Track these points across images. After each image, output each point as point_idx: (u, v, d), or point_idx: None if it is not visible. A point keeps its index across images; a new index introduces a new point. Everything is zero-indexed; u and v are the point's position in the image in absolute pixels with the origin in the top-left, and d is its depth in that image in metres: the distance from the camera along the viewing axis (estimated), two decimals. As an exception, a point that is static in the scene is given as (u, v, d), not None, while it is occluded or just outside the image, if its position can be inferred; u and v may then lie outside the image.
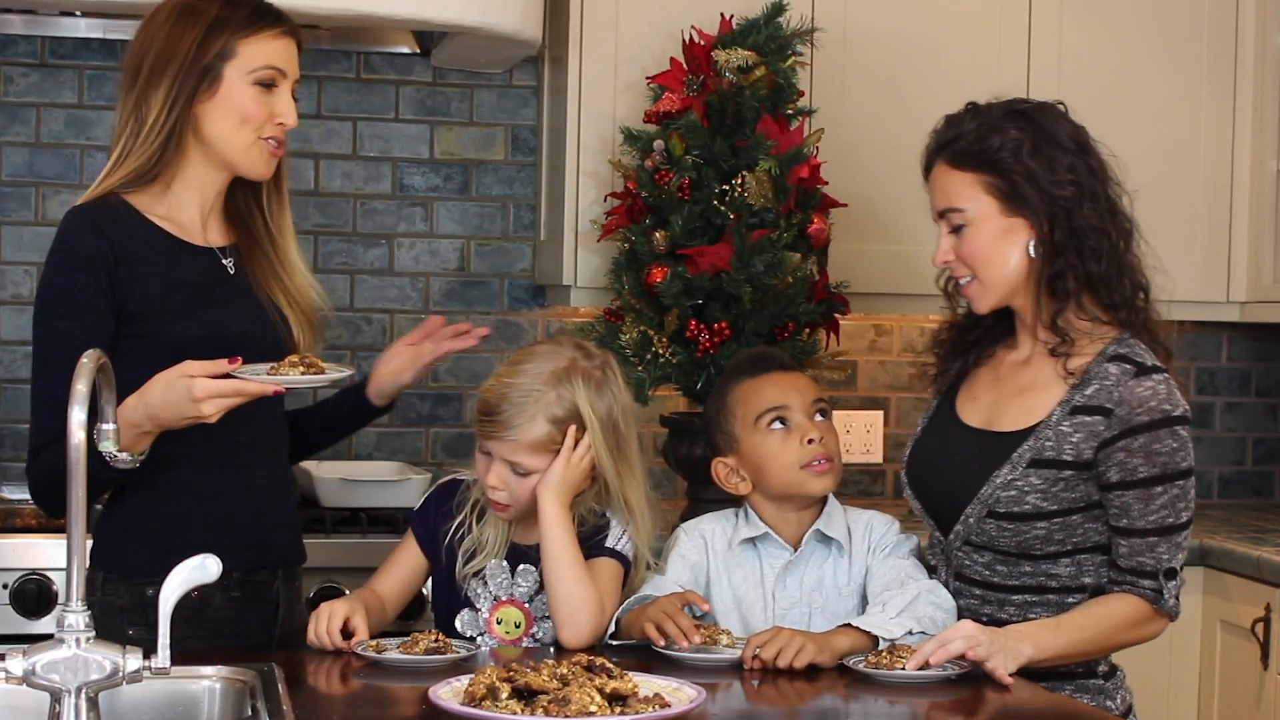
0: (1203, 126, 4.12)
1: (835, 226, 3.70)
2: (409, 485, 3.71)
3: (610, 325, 3.62)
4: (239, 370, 2.44)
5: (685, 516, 3.65)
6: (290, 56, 2.67)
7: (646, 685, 2.11)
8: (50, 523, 2.85)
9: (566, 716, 1.98)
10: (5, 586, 3.32)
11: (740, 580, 2.66)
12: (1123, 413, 2.50)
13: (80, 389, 1.93)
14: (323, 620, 2.50)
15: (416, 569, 2.69)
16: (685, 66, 3.65)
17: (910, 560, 2.65)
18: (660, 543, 2.76)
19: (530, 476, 2.56)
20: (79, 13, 3.85)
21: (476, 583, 2.62)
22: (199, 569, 1.96)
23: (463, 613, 2.62)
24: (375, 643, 2.45)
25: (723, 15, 3.67)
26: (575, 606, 2.52)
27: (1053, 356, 2.58)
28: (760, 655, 2.40)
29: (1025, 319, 2.64)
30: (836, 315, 3.68)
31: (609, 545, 2.61)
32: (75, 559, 1.92)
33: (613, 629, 2.54)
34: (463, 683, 2.11)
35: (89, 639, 1.93)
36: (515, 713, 2.01)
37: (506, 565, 2.63)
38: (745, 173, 3.53)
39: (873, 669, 2.38)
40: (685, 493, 3.83)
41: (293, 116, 2.66)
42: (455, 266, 4.19)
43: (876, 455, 4.36)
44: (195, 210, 2.67)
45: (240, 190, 2.72)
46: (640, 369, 3.54)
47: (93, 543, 2.62)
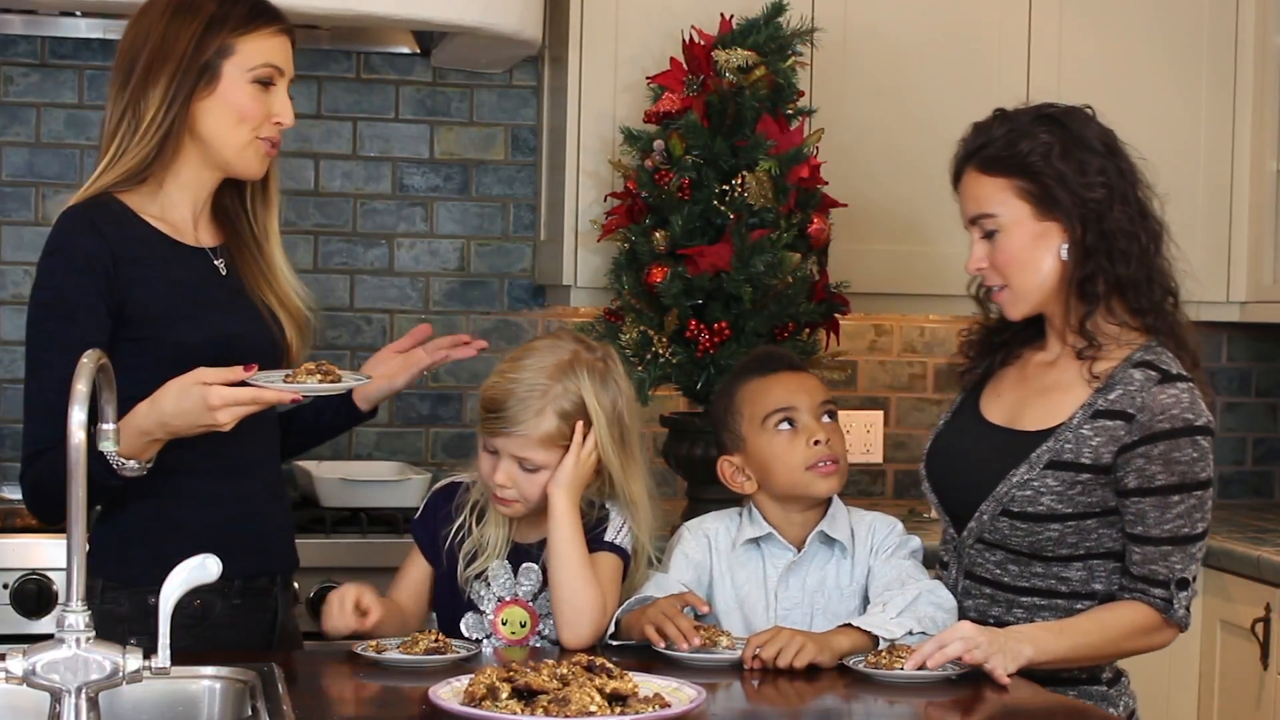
0: (1203, 126, 4.12)
1: (835, 226, 3.70)
2: (409, 485, 3.71)
3: (610, 325, 3.62)
4: (253, 378, 2.41)
5: (685, 516, 3.65)
6: (287, 55, 2.64)
7: (646, 685, 2.11)
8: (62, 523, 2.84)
9: (566, 716, 1.98)
10: (5, 586, 3.32)
11: (743, 580, 2.66)
12: (1144, 419, 2.49)
13: (80, 389, 1.92)
14: (334, 605, 2.50)
15: (425, 576, 2.68)
16: (685, 66, 3.65)
17: (912, 561, 2.65)
18: (662, 542, 2.75)
19: (538, 473, 2.55)
20: (79, 13, 3.85)
21: (479, 585, 2.62)
22: (199, 569, 1.96)
23: (467, 616, 2.62)
24: (375, 643, 2.45)
25: (723, 15, 3.67)
26: (579, 608, 2.52)
27: (1079, 360, 2.57)
28: (760, 655, 2.40)
29: (1055, 323, 2.63)
30: (836, 315, 3.68)
31: (608, 539, 2.60)
32: (75, 559, 1.92)
33: (613, 629, 2.54)
34: (463, 683, 2.11)
35: (89, 639, 1.92)
36: (515, 713, 2.00)
37: (509, 565, 2.62)
38: (745, 173, 3.53)
39: (872, 669, 2.38)
40: (685, 493, 3.83)
41: (290, 116, 2.63)
42: (455, 266, 4.19)
43: (876, 455, 4.36)
44: (187, 210, 2.63)
45: (228, 190, 2.69)
46: (640, 369, 3.54)
47: (90, 550, 2.59)
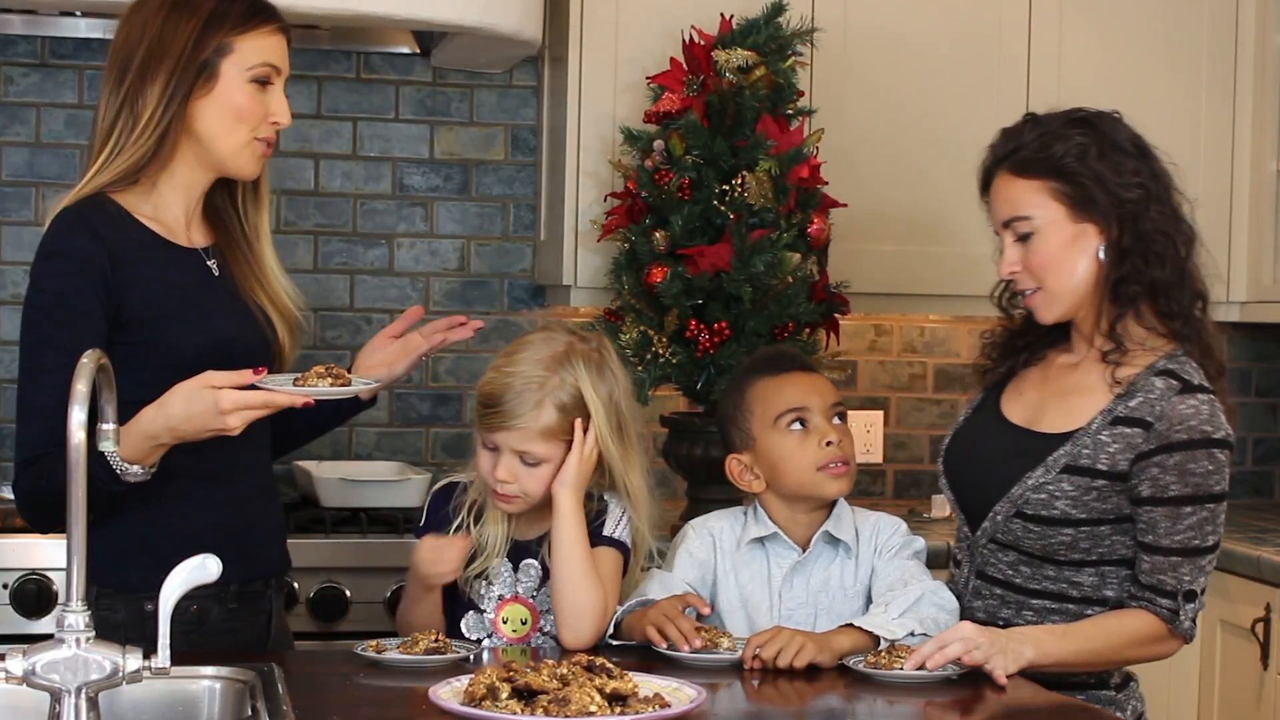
0: (1203, 126, 4.12)
1: (835, 226, 3.70)
2: (409, 485, 3.71)
3: (610, 325, 3.62)
4: (262, 381, 2.39)
5: (686, 516, 3.66)
6: (285, 54, 2.63)
7: (646, 685, 2.11)
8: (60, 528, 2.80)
9: (566, 716, 1.98)
10: (5, 586, 3.32)
11: (747, 579, 2.66)
12: (1162, 428, 2.48)
13: (80, 389, 1.92)
14: (448, 551, 2.54)
15: None
16: (685, 66, 3.65)
17: (915, 561, 2.64)
18: (663, 540, 2.75)
19: (539, 467, 2.55)
20: (79, 13, 3.85)
21: (479, 583, 2.61)
22: (199, 569, 1.95)
23: (468, 615, 2.61)
24: (375, 643, 2.44)
25: (723, 15, 3.67)
26: (580, 610, 2.52)
27: (1104, 362, 2.56)
28: (760, 655, 2.40)
29: (1083, 326, 2.62)
30: (836, 315, 3.68)
31: (607, 533, 2.59)
32: (75, 559, 1.92)
33: (613, 629, 2.54)
34: (463, 683, 2.11)
35: (89, 639, 1.92)
36: (515, 713, 2.01)
37: (509, 562, 2.62)
38: (745, 173, 3.53)
39: (872, 669, 2.38)
40: (685, 493, 3.83)
41: (287, 115, 2.61)
42: (455, 266, 4.19)
43: (876, 455, 4.36)
44: (180, 210, 2.60)
45: (219, 190, 2.67)
46: (640, 369, 3.54)
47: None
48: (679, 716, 2.05)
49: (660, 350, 3.53)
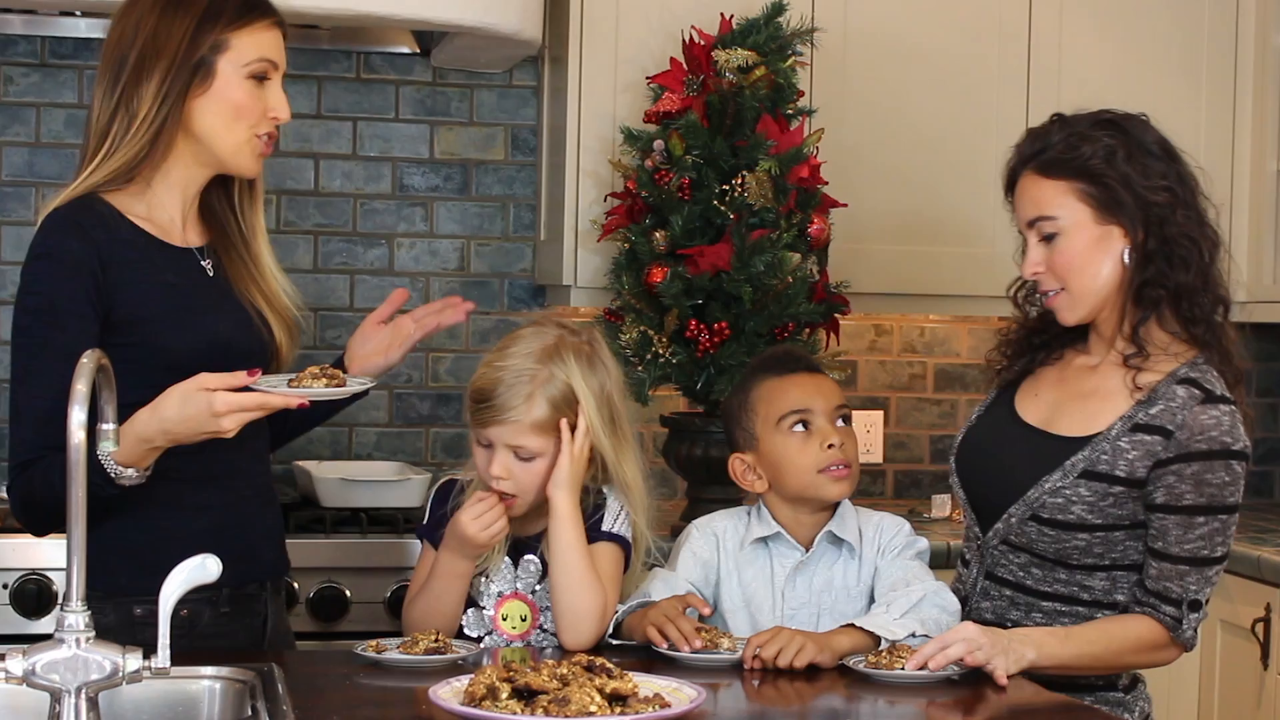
0: (1203, 126, 4.12)
1: (835, 226, 3.70)
2: (409, 485, 3.70)
3: (610, 325, 3.62)
4: (256, 382, 2.36)
5: (685, 516, 3.66)
6: (281, 48, 2.60)
7: (646, 685, 2.11)
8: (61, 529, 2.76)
9: (566, 716, 1.98)
10: (5, 586, 3.32)
11: (750, 579, 2.66)
12: (1182, 437, 2.48)
13: (80, 389, 1.91)
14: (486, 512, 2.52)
15: None
16: (685, 66, 3.65)
17: (918, 562, 2.64)
18: (662, 539, 2.75)
19: (534, 462, 2.54)
20: (79, 13, 3.85)
21: (479, 580, 2.61)
22: (199, 569, 1.95)
23: (468, 613, 2.61)
24: (375, 643, 2.44)
25: (723, 15, 3.67)
26: (579, 612, 2.52)
27: (1125, 367, 2.55)
28: (760, 655, 2.40)
29: (1103, 329, 2.61)
30: (836, 315, 3.68)
31: (605, 528, 2.58)
32: (75, 559, 1.92)
33: (613, 629, 2.54)
34: (463, 683, 2.11)
35: (89, 639, 1.92)
36: (515, 713, 2.00)
37: (508, 558, 2.62)
38: (745, 173, 3.53)
39: (873, 669, 2.38)
40: (685, 493, 3.83)
41: (285, 110, 2.59)
42: (455, 266, 4.19)
43: (876, 455, 4.36)
44: (176, 209, 2.58)
45: (215, 189, 2.64)
46: (640, 369, 3.54)
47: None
48: (679, 716, 2.05)
49: (660, 350, 3.53)
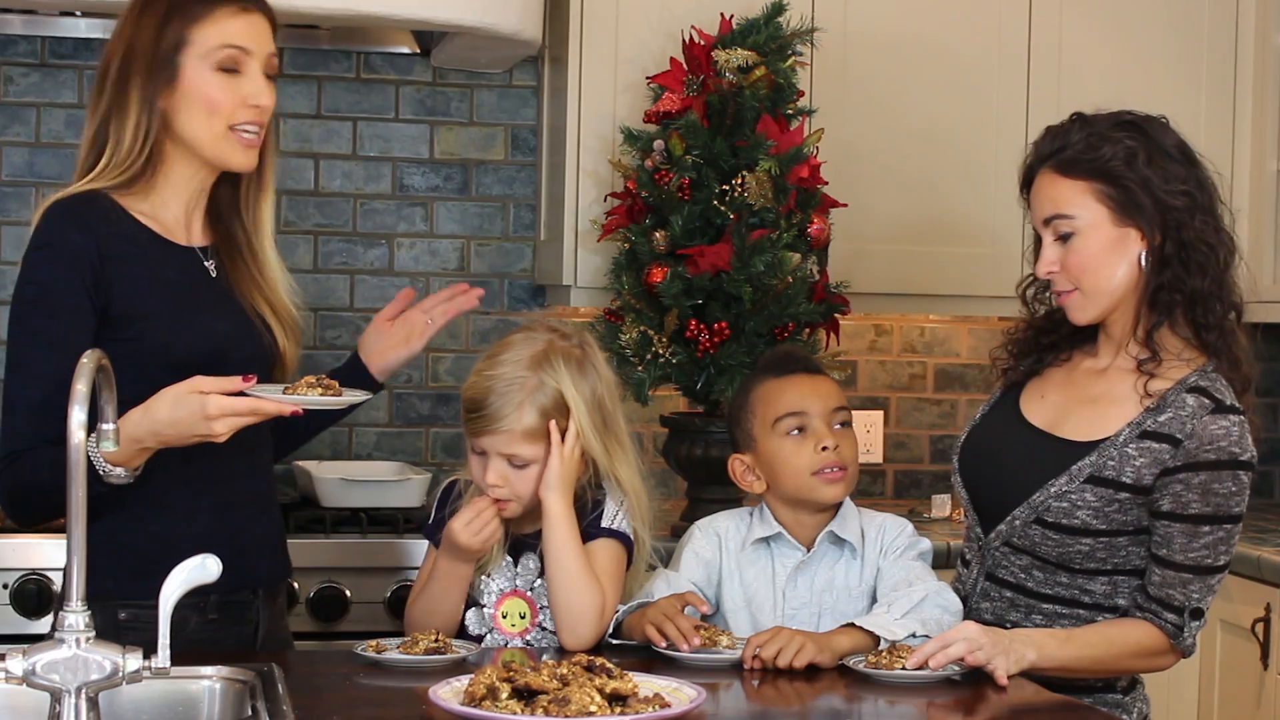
0: (1203, 126, 4.11)
1: (835, 226, 3.70)
2: (409, 485, 3.71)
3: (610, 325, 3.62)
4: (251, 388, 2.34)
5: (685, 516, 3.66)
6: (253, 32, 2.51)
7: (646, 685, 2.11)
8: (52, 523, 2.76)
9: (566, 716, 1.98)
10: (5, 586, 3.32)
11: (752, 578, 2.66)
12: (1191, 446, 2.47)
13: (80, 389, 1.91)
14: (479, 516, 2.51)
15: None
16: (685, 66, 3.65)
17: (920, 562, 2.63)
18: (661, 540, 2.75)
19: (528, 468, 2.54)
20: (79, 13, 3.85)
21: (480, 579, 2.61)
22: (199, 569, 1.95)
23: (469, 612, 2.61)
24: (375, 643, 2.44)
25: (723, 15, 3.67)
26: (577, 613, 2.51)
27: (1138, 372, 2.53)
28: (760, 655, 2.40)
29: (1113, 331, 2.59)
30: (836, 315, 3.68)
31: (605, 525, 2.58)
32: (75, 559, 1.92)
33: (613, 629, 2.54)
34: (463, 683, 2.11)
35: (89, 639, 1.92)
36: (515, 713, 2.00)
37: (508, 556, 2.61)
38: (745, 173, 3.53)
39: (873, 669, 2.37)
40: (685, 493, 3.83)
41: (264, 96, 2.51)
42: (455, 266, 4.19)
43: (876, 455, 4.36)
44: (179, 209, 2.56)
45: (223, 188, 2.61)
46: (640, 369, 3.54)
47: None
48: (679, 716, 2.05)
49: (660, 350, 3.53)
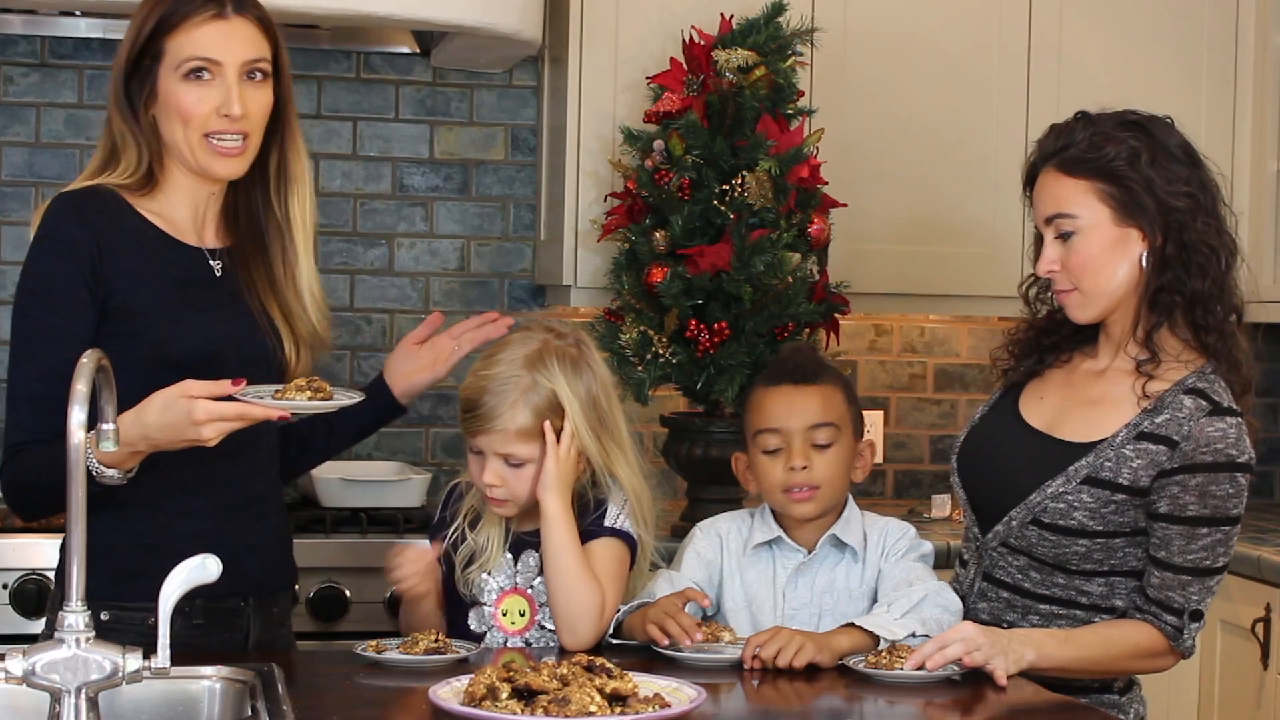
0: (1203, 126, 4.10)
1: (835, 226, 3.70)
2: (409, 485, 3.71)
3: (610, 325, 3.62)
4: (241, 393, 2.32)
5: (685, 516, 3.66)
6: (228, 40, 2.47)
7: (646, 685, 2.11)
8: (50, 522, 2.75)
9: (566, 716, 1.98)
10: (5, 586, 3.32)
11: (753, 579, 2.66)
12: (1188, 448, 2.46)
13: (80, 389, 1.91)
14: (406, 562, 2.52)
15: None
16: (685, 66, 3.65)
17: (921, 564, 2.63)
18: (663, 541, 2.75)
19: (525, 468, 2.54)
20: (79, 13, 3.85)
21: (481, 578, 2.60)
22: (199, 569, 1.95)
23: (471, 610, 2.61)
24: (375, 643, 2.44)
25: (723, 15, 3.67)
26: (576, 613, 2.51)
27: (1137, 373, 2.53)
28: (760, 655, 2.40)
29: (1113, 332, 2.59)
30: (836, 315, 3.68)
31: (608, 524, 2.57)
32: (75, 559, 1.92)
33: (614, 630, 2.54)
34: (463, 683, 2.11)
35: (89, 639, 1.92)
36: (515, 713, 2.00)
37: (509, 554, 2.61)
38: (745, 173, 3.53)
39: (872, 669, 2.38)
40: (685, 493, 3.83)
41: (235, 105, 2.46)
42: (455, 266, 4.19)
43: (876, 455, 4.35)
44: (188, 210, 2.56)
45: (242, 189, 2.60)
46: (640, 369, 3.54)
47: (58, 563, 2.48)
48: (679, 716, 2.05)
49: (660, 350, 3.53)
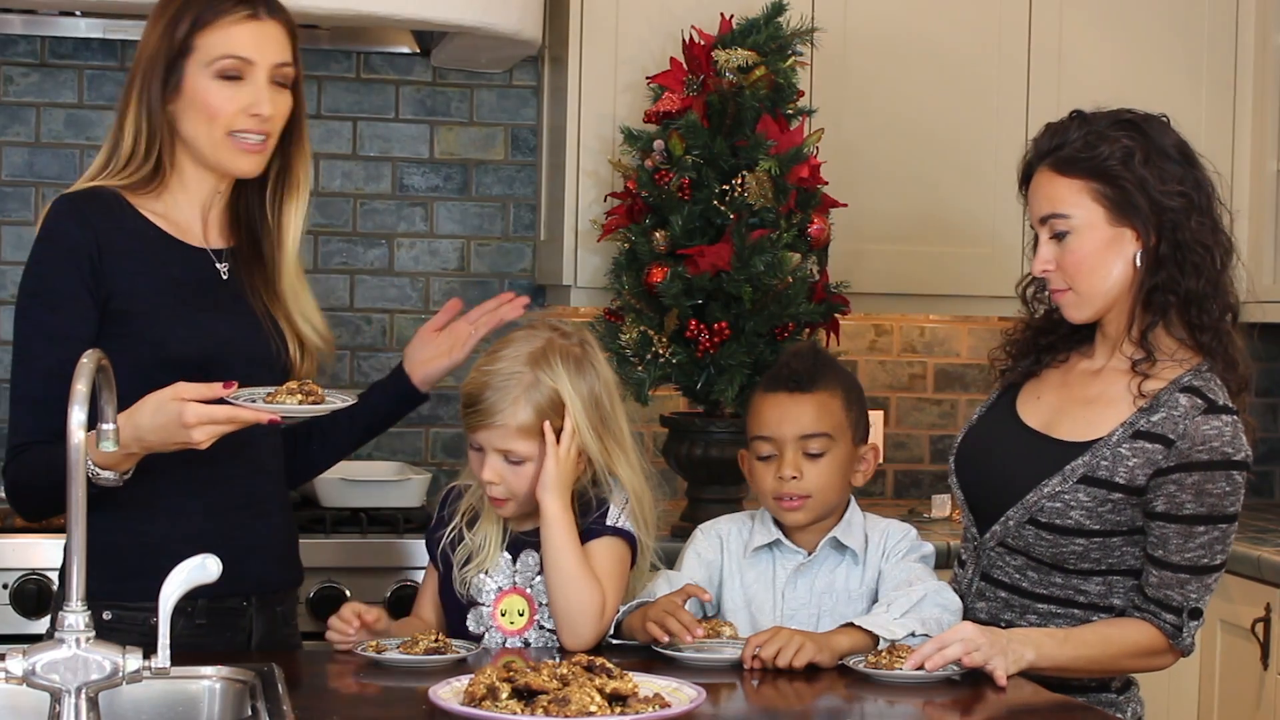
0: (1203, 126, 4.11)
1: (835, 226, 3.70)
2: (409, 485, 3.71)
3: (610, 325, 3.62)
4: (234, 395, 2.32)
5: (685, 516, 3.66)
6: (259, 42, 2.50)
7: (646, 685, 2.11)
8: (50, 523, 2.76)
9: (566, 716, 1.98)
10: (5, 586, 3.32)
11: (753, 580, 2.66)
12: (1184, 446, 2.47)
13: (80, 389, 1.91)
14: (337, 624, 2.49)
15: (438, 582, 2.68)
16: (685, 66, 3.65)
17: (922, 564, 2.63)
18: (663, 541, 2.75)
19: (525, 465, 2.54)
20: (79, 13, 3.85)
21: (479, 578, 2.60)
22: (199, 569, 1.95)
23: (469, 611, 2.61)
24: (375, 643, 2.44)
25: (723, 15, 3.67)
26: (576, 614, 2.51)
27: (1133, 372, 2.53)
28: (760, 654, 2.40)
29: (1109, 331, 2.59)
30: (836, 315, 3.68)
31: (610, 523, 2.57)
32: (75, 559, 1.92)
33: (614, 630, 2.54)
34: (463, 683, 2.11)
35: (89, 639, 1.92)
36: (515, 713, 2.00)
37: (507, 554, 2.61)
38: (745, 173, 3.53)
39: (872, 669, 2.38)
40: (685, 493, 3.83)
41: (265, 105, 2.50)
42: (455, 266, 4.19)
43: (879, 458, 4.34)
44: (193, 210, 2.57)
45: (247, 189, 2.61)
46: (640, 369, 3.54)
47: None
48: (679, 716, 2.05)
49: (660, 350, 3.53)
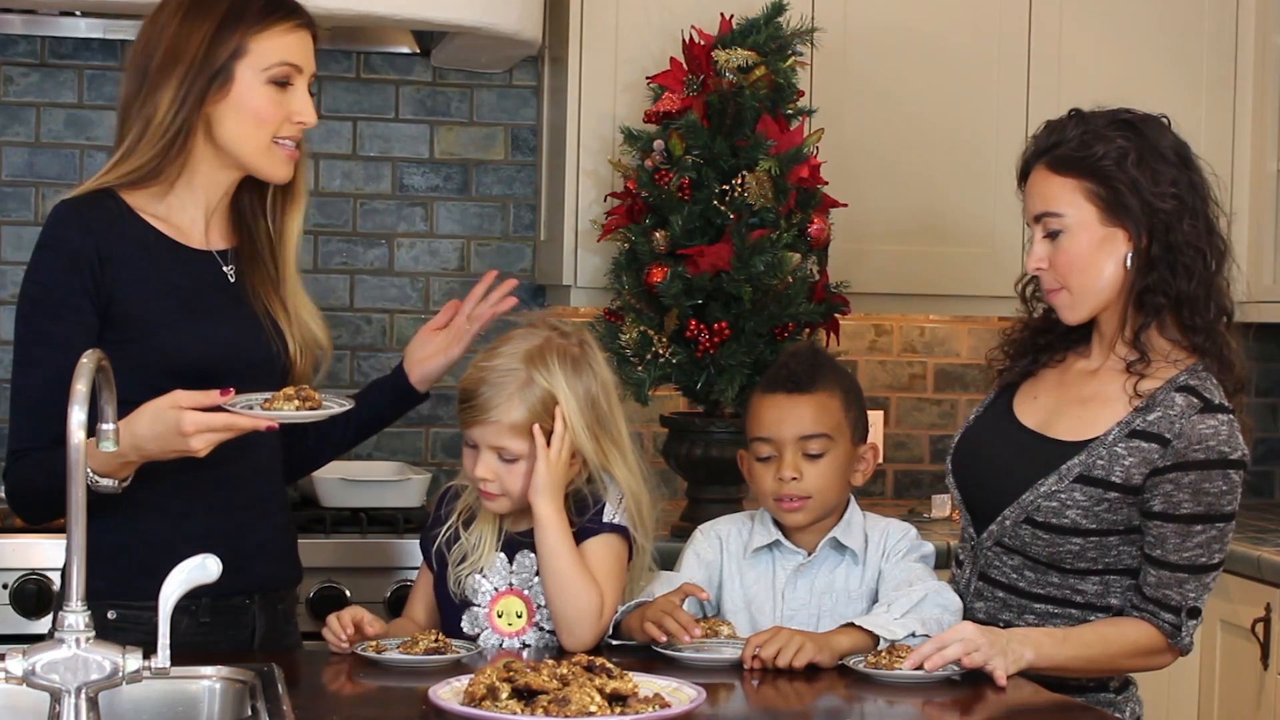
0: (1202, 126, 4.11)
1: (835, 226, 3.70)
2: (409, 485, 3.71)
3: (610, 325, 3.62)
4: (231, 402, 2.32)
5: (685, 516, 3.66)
6: (306, 51, 2.54)
7: (646, 685, 2.11)
8: (51, 523, 2.74)
9: (566, 716, 1.98)
10: (5, 586, 3.32)
11: (752, 580, 2.66)
12: (1180, 445, 2.47)
13: (80, 389, 1.91)
14: (333, 626, 2.49)
15: (432, 584, 2.68)
16: (685, 66, 3.65)
17: (922, 565, 2.63)
18: (663, 541, 2.75)
19: (518, 463, 2.53)
20: (79, 13, 3.85)
21: (475, 579, 2.60)
22: (199, 569, 1.95)
23: (464, 613, 2.61)
24: (375, 643, 2.44)
25: (723, 15, 3.67)
26: (574, 616, 2.51)
27: (1127, 373, 2.54)
28: (760, 654, 2.40)
29: (1104, 331, 2.60)
30: (836, 315, 3.68)
31: (606, 519, 2.57)
32: (75, 559, 1.92)
33: (613, 630, 2.54)
34: (463, 683, 2.11)
35: (89, 639, 1.92)
36: (515, 713, 2.00)
37: (503, 555, 2.61)
38: (745, 173, 3.53)
39: (872, 669, 2.38)
40: (685, 493, 3.83)
41: (311, 115, 2.54)
42: (455, 266, 4.19)
43: (879, 457, 4.34)
44: (197, 212, 2.56)
45: (249, 192, 2.61)
46: (640, 369, 3.54)
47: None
48: (679, 716, 2.05)
49: (660, 350, 3.53)
